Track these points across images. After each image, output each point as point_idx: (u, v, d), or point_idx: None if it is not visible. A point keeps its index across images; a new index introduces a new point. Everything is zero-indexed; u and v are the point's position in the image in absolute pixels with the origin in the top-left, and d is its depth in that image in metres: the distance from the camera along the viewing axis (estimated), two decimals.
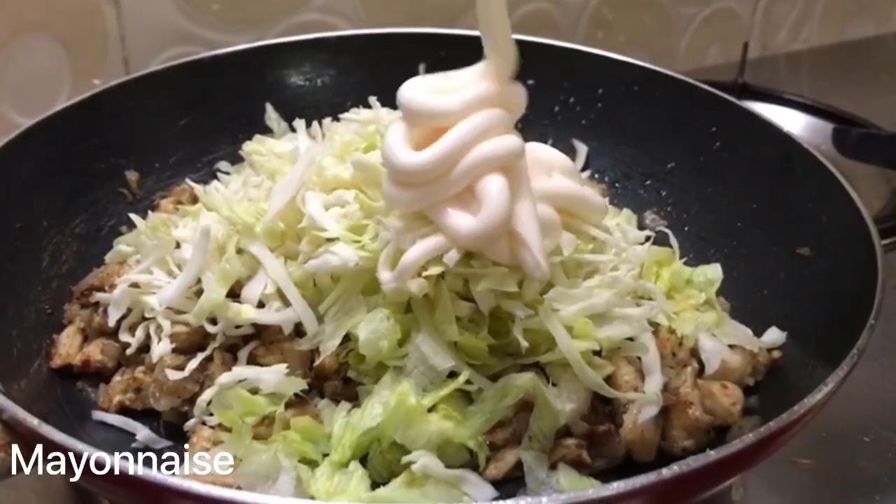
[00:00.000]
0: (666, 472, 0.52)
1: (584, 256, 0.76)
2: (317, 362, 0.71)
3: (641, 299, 0.77)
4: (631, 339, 0.73)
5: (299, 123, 0.87)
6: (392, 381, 0.68)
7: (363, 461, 0.68)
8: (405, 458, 0.65)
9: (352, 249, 0.69)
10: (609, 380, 0.71)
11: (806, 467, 0.80)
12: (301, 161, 0.74)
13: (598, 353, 0.71)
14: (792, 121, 1.35)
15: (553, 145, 1.04)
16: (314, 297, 0.72)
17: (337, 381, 0.72)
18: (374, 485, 0.67)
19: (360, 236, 0.71)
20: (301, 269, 0.72)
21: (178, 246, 0.78)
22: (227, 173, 0.94)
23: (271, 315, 0.72)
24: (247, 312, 0.72)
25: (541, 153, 0.75)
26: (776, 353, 0.78)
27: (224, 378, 0.70)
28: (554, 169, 0.74)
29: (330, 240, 0.71)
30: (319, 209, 0.72)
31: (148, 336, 0.75)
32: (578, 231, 0.76)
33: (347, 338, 0.70)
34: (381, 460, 0.67)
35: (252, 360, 0.73)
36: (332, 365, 0.71)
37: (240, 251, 0.74)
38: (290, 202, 0.73)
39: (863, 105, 1.39)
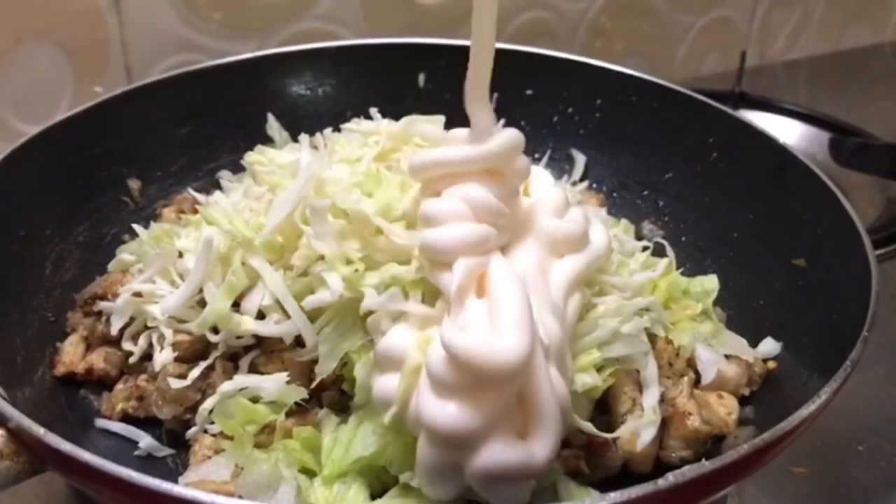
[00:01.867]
0: (662, 483, 0.53)
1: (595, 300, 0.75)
2: (314, 384, 0.71)
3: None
4: None
5: (303, 138, 0.88)
6: None
7: None
8: (402, 479, 0.65)
9: (341, 281, 0.69)
10: (608, 392, 0.72)
11: (801, 476, 0.81)
12: (301, 176, 0.74)
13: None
14: (789, 130, 1.37)
15: (551, 155, 1.06)
16: (313, 310, 0.72)
17: (334, 391, 0.73)
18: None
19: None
20: (300, 283, 0.72)
21: (180, 255, 0.79)
22: (230, 182, 0.95)
23: (271, 327, 0.72)
24: (247, 324, 0.72)
25: (546, 229, 0.73)
26: (772, 364, 0.79)
27: (225, 386, 0.71)
28: (559, 244, 0.72)
29: (322, 256, 0.71)
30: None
31: (150, 345, 0.76)
32: (588, 281, 0.75)
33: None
34: (375, 475, 0.68)
35: (253, 369, 0.73)
36: (329, 376, 0.71)
37: (242, 263, 0.74)
38: (289, 216, 0.73)
39: (859, 114, 1.40)
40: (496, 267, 0.65)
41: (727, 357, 0.77)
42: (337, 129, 0.93)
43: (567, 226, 0.73)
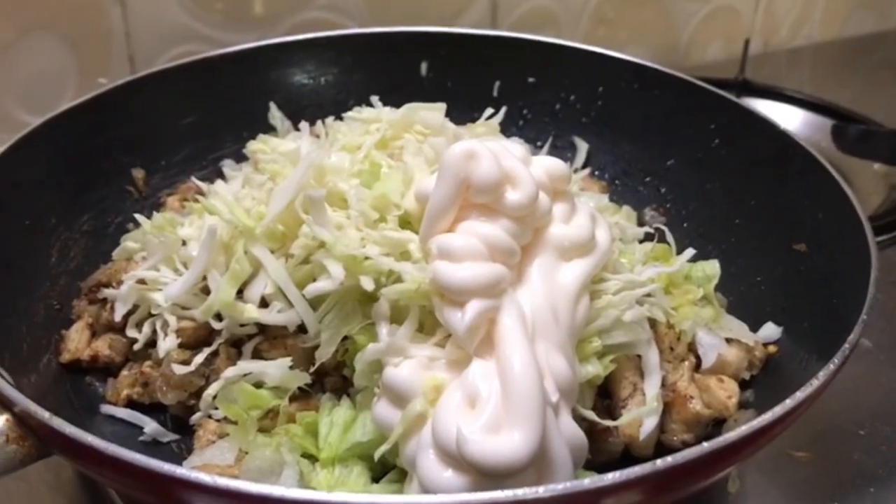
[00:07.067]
0: (661, 464, 0.53)
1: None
2: (314, 367, 0.71)
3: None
4: None
5: (304, 126, 0.88)
6: None
7: None
8: (398, 462, 0.66)
9: (342, 269, 0.69)
10: (610, 377, 0.72)
11: (802, 460, 0.81)
12: (301, 165, 0.74)
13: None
14: (792, 117, 1.36)
15: (553, 142, 1.07)
16: (315, 298, 0.72)
17: (336, 376, 0.73)
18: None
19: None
20: (301, 270, 0.73)
21: (183, 244, 0.79)
22: (233, 171, 0.96)
23: (274, 315, 0.72)
24: (250, 312, 0.73)
25: (555, 237, 0.72)
26: (772, 348, 0.79)
27: (229, 372, 0.71)
28: (568, 251, 0.71)
29: (322, 245, 0.71)
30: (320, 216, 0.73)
31: (154, 331, 0.76)
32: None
33: (345, 336, 0.70)
34: (373, 460, 0.68)
35: (256, 355, 0.74)
36: (330, 362, 0.72)
37: (245, 251, 0.75)
38: (289, 205, 0.73)
39: (863, 101, 1.39)
40: (506, 326, 0.63)
41: (728, 341, 0.78)
42: (339, 118, 0.93)
43: (575, 232, 0.73)
